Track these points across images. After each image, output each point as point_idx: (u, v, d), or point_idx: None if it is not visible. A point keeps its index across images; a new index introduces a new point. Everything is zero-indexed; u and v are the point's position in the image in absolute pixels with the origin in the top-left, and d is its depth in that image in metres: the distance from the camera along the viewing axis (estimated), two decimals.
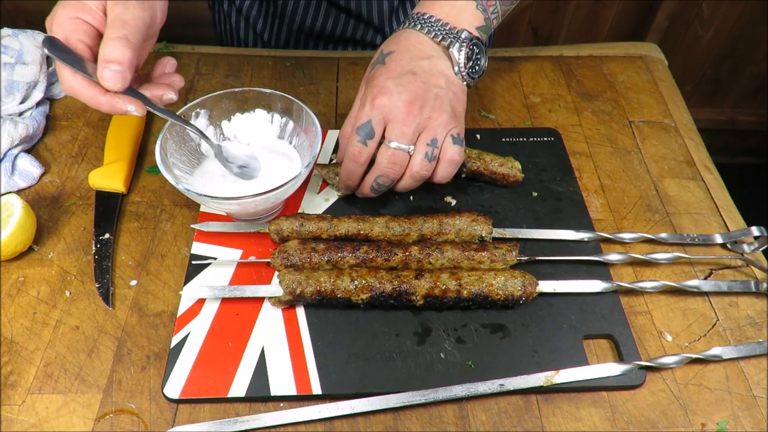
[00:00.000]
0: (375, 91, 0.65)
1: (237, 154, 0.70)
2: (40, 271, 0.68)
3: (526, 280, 0.64)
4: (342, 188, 0.72)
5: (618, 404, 0.59)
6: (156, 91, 0.60)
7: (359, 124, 0.65)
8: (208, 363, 0.60)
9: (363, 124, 0.65)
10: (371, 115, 0.65)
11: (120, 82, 0.54)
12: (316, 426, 0.57)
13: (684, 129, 0.89)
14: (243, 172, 0.69)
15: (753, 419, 0.59)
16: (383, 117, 0.65)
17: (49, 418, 0.57)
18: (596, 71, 0.97)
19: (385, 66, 0.67)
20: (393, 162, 0.65)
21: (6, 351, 0.61)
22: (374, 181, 0.67)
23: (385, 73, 0.66)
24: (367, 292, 0.62)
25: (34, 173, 0.76)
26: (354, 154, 0.66)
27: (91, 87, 0.55)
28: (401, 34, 0.70)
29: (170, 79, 0.63)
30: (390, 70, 0.67)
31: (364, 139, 0.65)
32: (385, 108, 0.64)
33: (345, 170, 0.68)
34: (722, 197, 0.80)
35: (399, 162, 0.65)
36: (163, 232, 0.72)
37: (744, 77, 2.00)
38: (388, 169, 0.66)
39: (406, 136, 0.64)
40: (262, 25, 1.05)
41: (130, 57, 0.54)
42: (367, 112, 0.65)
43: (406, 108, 0.64)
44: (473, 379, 0.59)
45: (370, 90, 0.66)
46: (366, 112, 0.65)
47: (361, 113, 0.65)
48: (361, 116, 0.65)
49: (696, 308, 0.67)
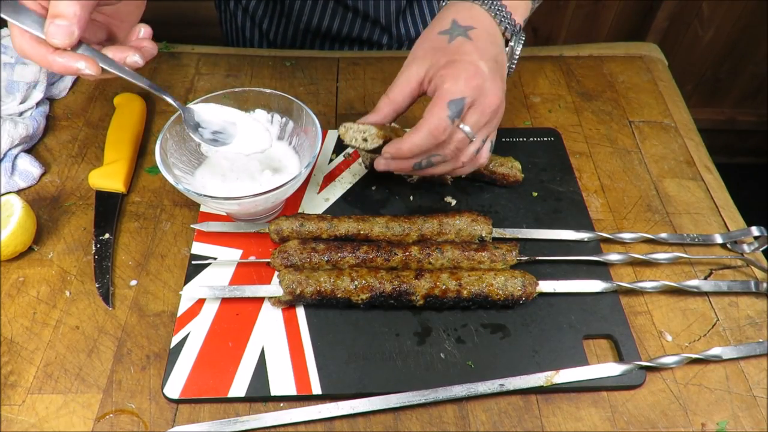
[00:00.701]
0: (471, 69, 0.60)
1: (211, 119, 0.65)
2: (40, 271, 0.68)
3: (526, 280, 0.64)
4: (383, 158, 0.65)
5: (618, 404, 0.59)
6: (119, 53, 0.57)
7: (453, 98, 0.60)
8: (208, 363, 0.60)
9: (457, 100, 0.60)
10: (465, 93, 0.60)
11: (66, 37, 0.52)
12: (316, 426, 0.57)
13: (684, 129, 0.89)
14: (216, 137, 0.64)
15: (753, 419, 0.59)
16: (473, 99, 0.61)
17: (49, 418, 0.57)
18: (596, 71, 0.97)
19: (472, 42, 0.62)
20: (459, 148, 0.63)
21: (6, 351, 0.61)
22: (428, 159, 0.63)
23: (476, 51, 0.62)
24: (367, 292, 0.62)
25: (34, 173, 0.76)
26: (438, 128, 0.60)
27: (40, 46, 0.53)
28: (472, 8, 0.65)
29: (141, 44, 0.60)
30: (479, 49, 0.62)
31: (454, 116, 0.60)
32: (476, 91, 0.60)
33: (412, 143, 0.61)
34: (722, 197, 0.80)
35: (462, 149, 0.63)
36: (163, 232, 0.72)
37: (744, 77, 2.00)
38: (450, 152, 0.63)
39: (478, 127, 0.62)
40: (269, 24, 1.05)
41: (78, 11, 0.51)
42: (462, 89, 0.60)
43: (491, 99, 0.61)
44: (473, 379, 0.59)
45: (464, 65, 0.61)
46: (461, 88, 0.60)
47: (455, 87, 0.60)
48: (455, 90, 0.60)
49: (696, 308, 0.67)
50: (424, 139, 0.61)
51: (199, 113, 0.65)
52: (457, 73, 0.61)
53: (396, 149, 0.62)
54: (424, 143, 0.61)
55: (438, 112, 0.60)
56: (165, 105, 0.88)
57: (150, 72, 0.93)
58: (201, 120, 0.65)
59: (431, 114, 0.60)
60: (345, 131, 0.66)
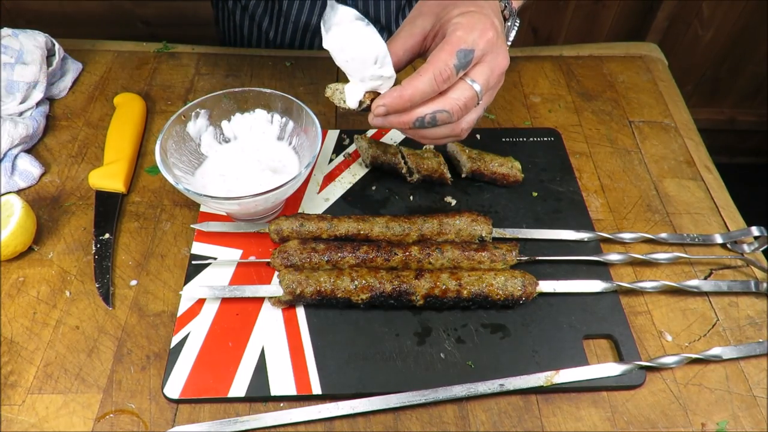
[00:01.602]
0: (488, 23, 0.56)
1: None
2: (40, 271, 0.68)
3: (526, 280, 0.64)
4: (379, 110, 0.58)
5: (618, 404, 0.59)
6: None
7: (463, 47, 0.55)
8: (208, 363, 0.60)
9: (467, 50, 0.55)
10: (478, 45, 0.55)
11: None
12: (316, 426, 0.57)
13: (684, 129, 0.89)
14: None
15: (753, 419, 0.59)
16: (483, 53, 0.56)
17: (49, 418, 0.57)
18: (596, 71, 0.97)
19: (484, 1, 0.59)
20: (466, 105, 0.57)
21: (6, 351, 0.61)
22: (431, 114, 0.57)
23: (490, 7, 0.58)
24: (367, 292, 0.62)
25: (34, 173, 0.76)
26: (443, 73, 0.55)
27: None
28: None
29: None
30: (493, 5, 0.59)
31: (460, 66, 0.55)
32: (489, 46, 0.56)
33: (415, 87, 0.55)
34: (722, 197, 0.80)
35: (469, 108, 0.58)
36: (163, 232, 0.72)
37: (744, 77, 2.00)
38: (458, 109, 0.57)
39: (487, 87, 0.58)
40: (268, 23, 1.05)
41: None
42: (475, 40, 0.55)
43: (501, 60, 0.58)
44: (473, 379, 0.59)
45: (480, 17, 0.56)
46: (474, 38, 0.55)
47: (468, 35, 0.55)
48: (467, 39, 0.55)
49: (696, 308, 0.67)
50: (428, 84, 0.55)
51: None
52: (471, 23, 0.56)
53: (395, 96, 0.56)
54: (427, 88, 0.55)
55: (444, 57, 0.55)
56: (165, 105, 0.88)
57: (150, 72, 0.93)
58: None
59: (437, 58, 0.55)
60: (332, 92, 0.61)
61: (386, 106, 0.57)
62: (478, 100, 0.58)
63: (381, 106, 0.57)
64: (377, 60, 0.56)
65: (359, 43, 0.56)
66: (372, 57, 0.55)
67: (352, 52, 0.56)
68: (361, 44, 0.55)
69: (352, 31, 0.56)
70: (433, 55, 0.56)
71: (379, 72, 0.57)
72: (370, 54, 0.55)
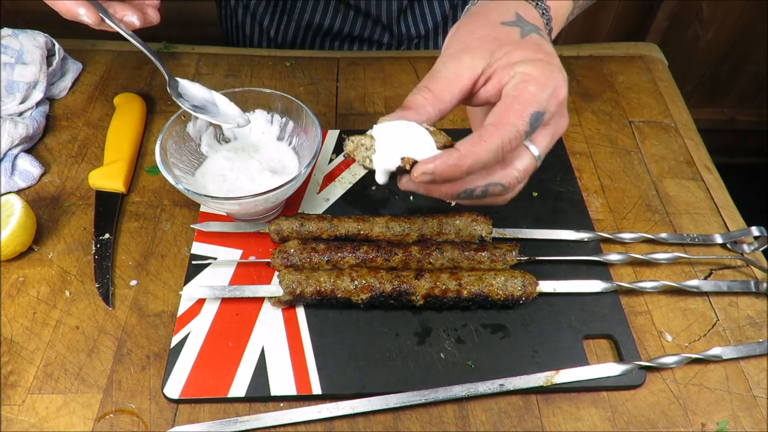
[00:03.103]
0: (560, 79, 0.48)
1: (195, 94, 0.67)
2: (40, 271, 0.68)
3: (526, 280, 0.64)
4: (422, 175, 0.46)
5: (618, 404, 0.59)
6: (120, 10, 0.61)
7: (536, 109, 0.46)
8: (208, 363, 0.60)
9: (539, 113, 0.46)
10: (549, 108, 0.47)
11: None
12: (316, 426, 0.57)
13: (684, 129, 0.89)
14: (195, 110, 0.66)
15: (753, 419, 0.59)
16: (550, 117, 0.48)
17: (49, 418, 0.57)
18: (596, 71, 0.97)
19: (545, 41, 0.51)
20: (524, 176, 0.50)
21: (6, 351, 0.61)
22: (483, 187, 0.49)
23: (556, 57, 0.50)
24: (367, 292, 0.62)
25: (34, 173, 0.76)
26: (513, 141, 0.46)
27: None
28: (527, 6, 0.53)
29: (144, 8, 0.64)
30: (554, 54, 0.50)
31: (529, 133, 0.47)
32: (558, 108, 0.48)
33: (477, 157, 0.45)
34: (722, 197, 0.80)
35: (526, 178, 0.50)
36: (163, 232, 0.72)
37: (744, 77, 2.00)
38: (515, 182, 0.49)
39: (546, 152, 0.51)
40: (269, 21, 1.05)
41: None
42: (548, 100, 0.47)
43: (564, 124, 0.51)
44: (473, 379, 0.59)
45: (553, 70, 0.48)
46: (546, 98, 0.47)
47: (541, 94, 0.46)
48: (540, 99, 0.46)
49: (696, 308, 0.67)
50: (493, 154, 0.45)
51: (183, 86, 0.67)
52: (545, 78, 0.47)
53: (450, 165, 0.45)
54: (491, 158, 0.46)
55: (515, 121, 0.45)
56: (165, 105, 0.88)
57: (150, 72, 0.93)
58: (184, 93, 0.67)
59: (505, 121, 0.45)
60: (354, 147, 0.49)
61: (435, 174, 0.45)
62: (534, 170, 0.50)
63: (427, 174, 0.45)
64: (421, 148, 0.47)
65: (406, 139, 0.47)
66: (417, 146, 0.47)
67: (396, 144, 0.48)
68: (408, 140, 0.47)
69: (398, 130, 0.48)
70: (499, 116, 0.46)
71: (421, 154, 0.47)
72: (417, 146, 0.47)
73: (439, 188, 0.48)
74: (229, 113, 0.67)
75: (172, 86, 0.66)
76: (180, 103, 0.65)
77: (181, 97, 0.66)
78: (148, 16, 0.64)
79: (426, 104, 0.49)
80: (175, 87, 0.66)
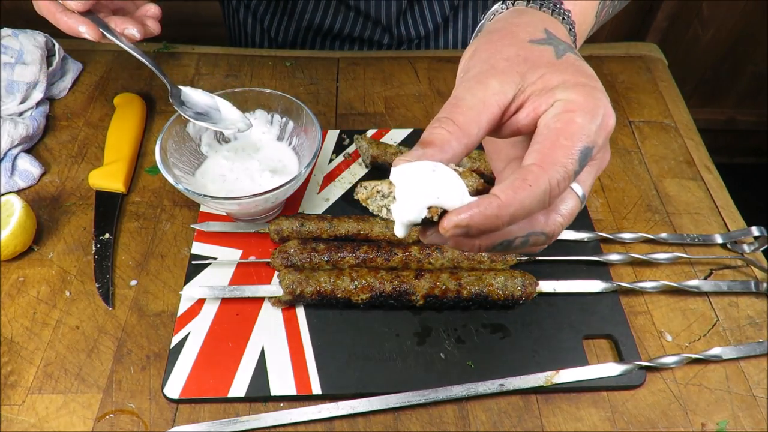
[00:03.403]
0: (606, 104, 0.40)
1: (198, 101, 0.68)
2: (40, 271, 0.68)
3: (526, 280, 0.64)
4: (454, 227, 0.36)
5: (618, 404, 0.59)
6: (121, 23, 0.63)
7: (586, 144, 0.38)
8: (208, 363, 0.60)
9: (588, 149, 0.38)
10: (597, 141, 0.39)
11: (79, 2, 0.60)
12: (316, 426, 0.57)
13: (684, 129, 0.89)
14: (198, 117, 0.66)
15: (753, 419, 0.59)
16: (597, 151, 0.40)
17: (49, 418, 0.57)
18: (596, 71, 0.95)
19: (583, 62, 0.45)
20: (572, 218, 0.42)
21: (6, 351, 0.61)
22: (523, 238, 0.41)
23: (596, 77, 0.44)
24: (367, 292, 0.62)
25: (34, 173, 0.76)
26: (560, 187, 0.38)
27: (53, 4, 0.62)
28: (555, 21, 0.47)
29: (144, 20, 0.66)
30: (596, 77, 0.44)
31: (579, 171, 0.39)
32: (605, 141, 0.41)
33: (521, 205, 0.36)
34: (722, 197, 0.80)
35: (567, 224, 0.42)
36: (163, 232, 0.72)
37: (744, 77, 2.00)
38: (559, 230, 0.42)
39: (589, 192, 0.45)
40: (270, 21, 1.05)
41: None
42: (597, 132, 0.39)
43: (609, 155, 0.44)
44: (473, 379, 0.59)
45: (600, 97, 0.41)
46: (594, 130, 0.39)
47: (590, 126, 0.38)
48: (589, 131, 0.38)
49: (696, 308, 0.67)
50: (538, 200, 0.37)
51: (186, 93, 0.68)
52: (592, 106, 0.39)
53: (489, 216, 0.36)
54: (536, 205, 0.37)
55: (564, 160, 0.37)
56: (165, 105, 0.88)
57: (150, 72, 0.93)
58: (187, 100, 0.68)
59: (552, 160, 0.37)
60: (367, 195, 0.40)
61: (471, 227, 0.36)
62: (578, 213, 0.43)
63: (461, 227, 0.36)
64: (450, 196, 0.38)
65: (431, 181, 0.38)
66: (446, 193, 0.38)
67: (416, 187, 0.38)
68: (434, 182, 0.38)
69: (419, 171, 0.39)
70: (544, 154, 0.38)
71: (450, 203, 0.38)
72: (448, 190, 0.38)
73: (472, 241, 0.39)
74: (231, 118, 0.68)
75: (174, 95, 0.66)
76: (182, 111, 0.66)
77: (183, 105, 0.66)
78: (148, 28, 0.65)
79: (451, 139, 0.40)
80: (178, 96, 0.67)
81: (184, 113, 0.66)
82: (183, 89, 0.67)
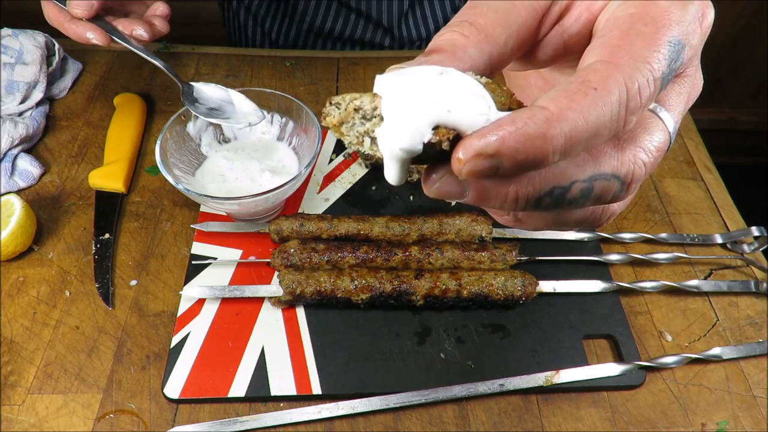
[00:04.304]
0: (697, 76, 0.32)
1: (211, 96, 0.68)
2: (40, 271, 0.68)
3: (526, 280, 0.64)
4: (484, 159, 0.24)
5: (618, 404, 0.59)
6: (128, 25, 0.64)
7: (676, 35, 0.28)
8: (208, 363, 0.60)
9: (680, 44, 0.28)
10: (690, 39, 0.29)
11: (86, 10, 0.61)
12: (316, 426, 0.57)
13: (684, 129, 0.89)
14: (211, 113, 0.66)
15: (753, 419, 0.59)
16: (689, 59, 0.30)
17: (49, 418, 0.57)
18: None
19: None
20: (660, 156, 0.31)
21: (6, 351, 0.61)
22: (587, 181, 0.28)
23: None
24: (367, 292, 0.62)
25: (34, 173, 0.76)
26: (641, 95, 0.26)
27: (61, 13, 0.63)
28: None
29: (152, 20, 0.66)
30: None
31: (668, 77, 0.28)
32: (701, 40, 0.31)
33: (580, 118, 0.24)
34: (722, 197, 0.80)
35: (653, 170, 0.31)
36: (163, 232, 0.72)
37: (744, 77, 2.00)
38: (640, 174, 0.30)
39: (678, 126, 0.34)
40: (271, 23, 1.05)
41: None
42: (691, 24, 0.29)
43: (701, 79, 0.35)
44: (473, 379, 0.59)
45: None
46: (688, 21, 0.29)
47: (680, 12, 0.28)
48: (681, 18, 0.28)
49: (696, 308, 0.67)
50: (609, 114, 0.25)
51: (198, 89, 0.68)
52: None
53: (532, 135, 0.24)
54: (604, 124, 0.25)
55: (644, 53, 0.26)
56: (165, 105, 0.88)
57: (151, 72, 0.93)
58: (200, 96, 0.68)
59: (628, 52, 0.26)
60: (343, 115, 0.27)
61: (502, 154, 0.24)
62: (669, 146, 0.31)
63: (485, 156, 0.24)
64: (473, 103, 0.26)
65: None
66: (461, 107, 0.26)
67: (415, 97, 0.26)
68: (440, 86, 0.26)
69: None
70: (615, 46, 0.27)
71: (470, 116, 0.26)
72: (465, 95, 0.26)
73: (504, 188, 0.27)
74: (245, 110, 0.68)
75: (185, 93, 0.66)
76: (193, 109, 0.65)
77: (196, 102, 0.66)
78: (156, 28, 0.66)
79: (467, 44, 0.28)
80: (190, 93, 0.67)
81: (195, 111, 0.65)
82: (195, 85, 0.67)
